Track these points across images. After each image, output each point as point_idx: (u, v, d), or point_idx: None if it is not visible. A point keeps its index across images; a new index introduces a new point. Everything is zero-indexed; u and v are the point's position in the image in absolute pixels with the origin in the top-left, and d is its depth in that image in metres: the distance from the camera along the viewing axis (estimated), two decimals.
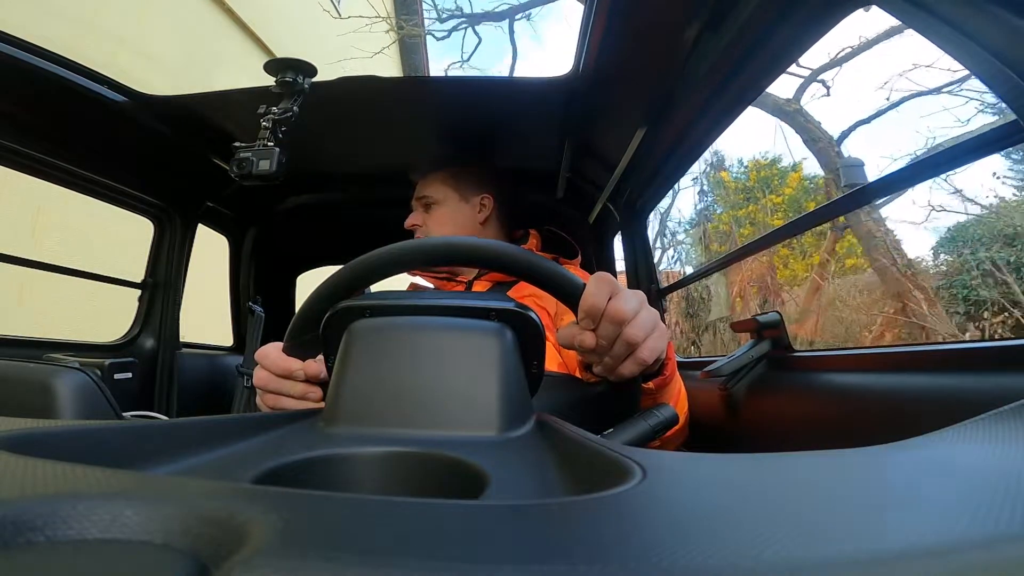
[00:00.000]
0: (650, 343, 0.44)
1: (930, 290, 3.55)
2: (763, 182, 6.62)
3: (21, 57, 0.79)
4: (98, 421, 0.25)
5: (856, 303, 4.16)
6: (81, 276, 1.15)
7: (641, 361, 0.44)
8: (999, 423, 0.20)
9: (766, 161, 6.89)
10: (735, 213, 6.49)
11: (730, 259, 1.18)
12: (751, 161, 7.00)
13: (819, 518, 0.12)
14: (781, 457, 0.18)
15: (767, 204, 6.30)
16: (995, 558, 0.10)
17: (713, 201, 6.75)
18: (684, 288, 4.43)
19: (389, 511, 0.13)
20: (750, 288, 5.12)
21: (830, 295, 4.35)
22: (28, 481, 0.14)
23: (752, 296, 5.11)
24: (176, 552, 0.12)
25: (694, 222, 6.75)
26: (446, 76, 0.95)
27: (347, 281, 0.43)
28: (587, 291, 0.42)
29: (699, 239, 6.38)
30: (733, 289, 5.20)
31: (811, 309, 4.42)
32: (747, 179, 6.85)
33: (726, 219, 6.46)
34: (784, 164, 6.70)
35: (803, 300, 4.67)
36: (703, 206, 6.63)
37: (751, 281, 5.10)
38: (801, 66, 4.04)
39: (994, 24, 0.41)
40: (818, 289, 4.42)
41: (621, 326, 0.42)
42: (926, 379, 0.52)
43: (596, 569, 0.09)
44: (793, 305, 4.77)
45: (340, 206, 1.37)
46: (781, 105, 4.12)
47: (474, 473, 0.23)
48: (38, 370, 0.80)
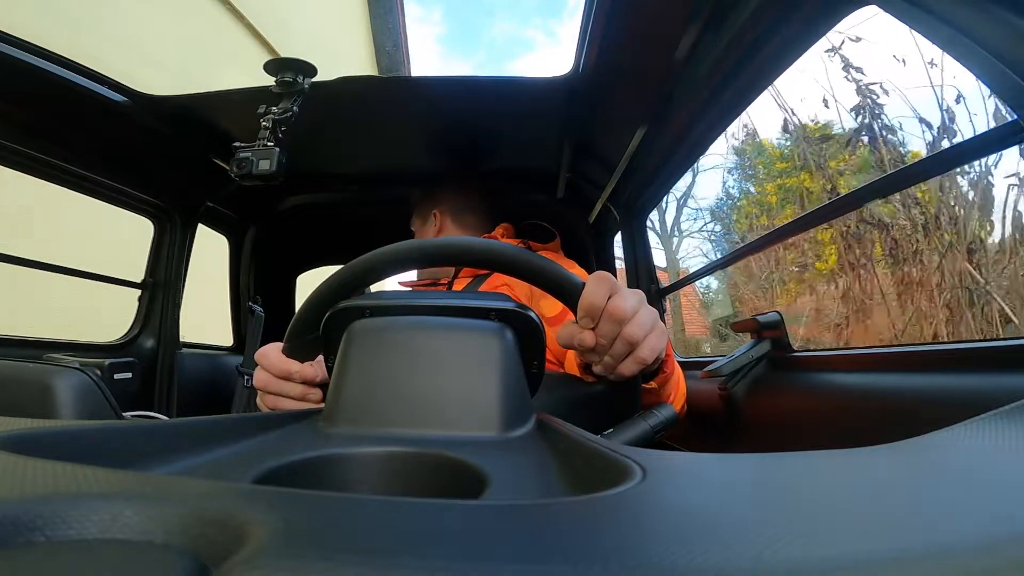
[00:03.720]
0: (650, 342, 0.43)
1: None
2: (816, 149, 6.15)
3: (21, 57, 0.79)
4: (98, 421, 0.25)
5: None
6: (81, 276, 1.15)
7: (641, 360, 0.44)
8: (999, 423, 0.20)
9: (817, 125, 6.32)
10: (784, 182, 5.98)
11: (730, 259, 1.18)
12: (795, 127, 6.52)
13: (819, 518, 0.12)
14: (781, 457, 0.18)
15: (825, 168, 5.83)
16: (995, 558, 0.10)
17: (741, 179, 6.30)
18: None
19: (389, 511, 0.13)
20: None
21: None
22: (28, 481, 0.14)
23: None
24: (176, 552, 0.12)
25: (720, 203, 6.31)
26: (446, 76, 0.96)
27: (346, 282, 0.43)
28: (586, 290, 0.42)
29: (741, 213, 5.90)
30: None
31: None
32: (793, 145, 6.35)
33: (771, 189, 6.00)
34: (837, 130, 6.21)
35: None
36: (734, 182, 6.20)
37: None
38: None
39: (994, 24, 0.41)
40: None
41: (621, 325, 0.42)
42: (926, 379, 0.52)
43: (596, 569, 0.09)
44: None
45: (340, 206, 1.37)
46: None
47: (474, 473, 0.23)
48: (38, 370, 0.80)
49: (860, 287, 3.31)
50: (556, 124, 0.99)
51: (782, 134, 6.15)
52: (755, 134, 6.29)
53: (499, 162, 1.20)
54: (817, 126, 6.14)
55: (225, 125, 1.01)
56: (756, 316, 0.82)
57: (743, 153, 6.31)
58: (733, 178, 6.33)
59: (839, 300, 3.54)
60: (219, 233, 1.42)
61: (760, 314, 0.82)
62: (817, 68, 4.12)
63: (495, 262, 0.44)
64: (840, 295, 3.50)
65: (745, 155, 6.33)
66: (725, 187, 6.43)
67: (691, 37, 0.66)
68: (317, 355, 0.47)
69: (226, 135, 1.01)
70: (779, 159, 6.15)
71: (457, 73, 6.53)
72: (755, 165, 6.28)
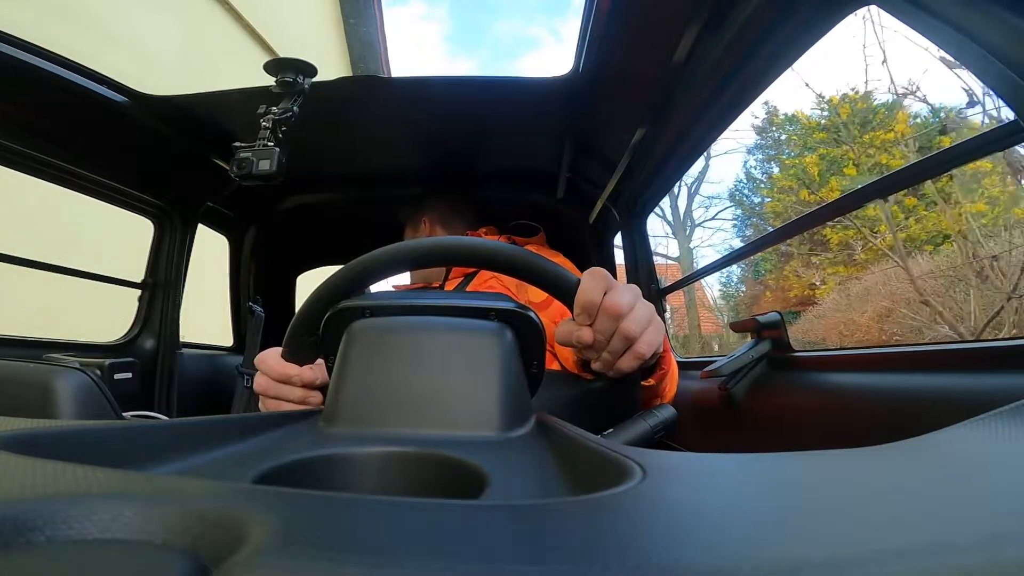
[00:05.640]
0: (647, 336, 0.43)
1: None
2: (860, 117, 5.57)
3: (21, 57, 0.79)
4: (98, 421, 0.25)
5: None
6: (81, 276, 1.15)
7: (639, 355, 0.43)
8: (999, 423, 0.20)
9: (856, 94, 5.74)
10: (829, 152, 5.40)
11: (731, 258, 1.18)
12: (834, 96, 5.82)
13: (819, 518, 0.12)
14: (781, 457, 0.18)
15: (874, 141, 5.20)
16: (995, 558, 0.10)
17: (763, 159, 5.94)
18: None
19: (389, 511, 0.13)
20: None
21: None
22: (28, 481, 0.14)
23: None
24: (176, 552, 0.12)
25: (739, 186, 5.99)
26: (446, 76, 0.96)
27: (343, 284, 0.43)
28: (582, 286, 0.42)
29: (775, 189, 5.55)
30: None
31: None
32: (831, 116, 5.67)
33: (812, 161, 5.49)
34: (879, 100, 5.50)
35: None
36: (756, 162, 5.86)
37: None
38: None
39: (994, 24, 0.41)
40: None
41: (618, 320, 0.42)
42: (926, 379, 0.52)
43: (596, 569, 0.09)
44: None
45: (340, 206, 1.37)
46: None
47: (474, 473, 0.23)
48: (38, 370, 0.80)
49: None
50: (556, 124, 0.99)
51: (817, 103, 5.79)
52: (776, 112, 5.95)
53: (499, 162, 1.20)
54: (858, 95, 5.71)
55: (225, 125, 1.01)
56: (756, 316, 0.82)
57: (766, 131, 5.95)
58: (755, 158, 6.01)
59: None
60: (219, 233, 1.42)
61: (760, 314, 0.82)
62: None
63: (491, 261, 0.44)
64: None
65: (768, 133, 5.97)
66: (746, 167, 6.14)
67: (691, 37, 0.66)
68: (316, 358, 0.47)
69: (226, 135, 1.01)
70: (816, 129, 5.83)
71: (462, 71, 6.37)
72: (790, 139, 5.91)
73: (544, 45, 29.14)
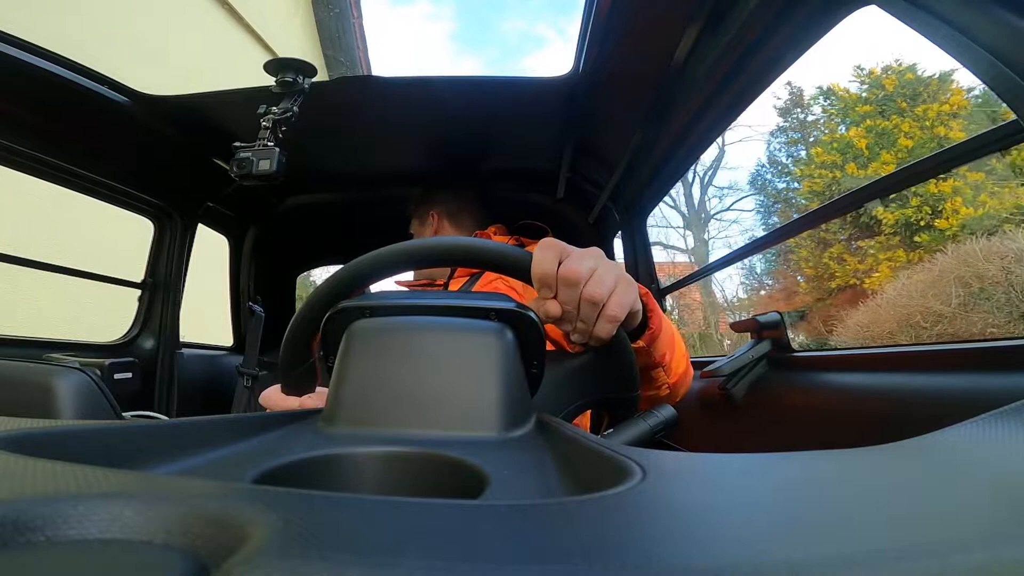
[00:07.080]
0: (616, 298, 0.42)
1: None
2: (908, 89, 5.32)
3: (21, 57, 0.79)
4: (98, 421, 0.25)
5: None
6: (81, 276, 1.15)
7: (612, 317, 0.42)
8: (999, 423, 0.20)
9: (900, 66, 5.55)
10: (878, 124, 5.12)
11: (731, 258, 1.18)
12: (876, 68, 5.61)
13: (819, 518, 0.12)
14: (781, 457, 0.18)
15: (928, 113, 4.95)
16: (995, 558, 0.10)
17: (787, 142, 5.67)
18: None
19: (389, 511, 0.13)
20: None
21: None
22: (28, 481, 0.14)
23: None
24: (176, 552, 0.12)
25: (760, 171, 5.72)
26: (446, 76, 0.96)
27: (314, 310, 0.42)
28: (535, 260, 0.41)
29: (812, 166, 5.02)
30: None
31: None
32: (872, 89, 5.42)
33: (858, 134, 5.24)
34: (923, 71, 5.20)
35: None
36: (779, 145, 5.63)
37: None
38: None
39: (994, 24, 0.41)
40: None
41: (578, 286, 0.41)
42: (926, 379, 0.52)
43: (596, 569, 0.09)
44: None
45: (340, 206, 1.37)
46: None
47: (474, 473, 0.23)
48: (38, 370, 0.80)
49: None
50: (556, 124, 0.99)
51: (856, 76, 5.53)
52: (800, 93, 5.71)
53: (499, 162, 1.20)
54: (902, 66, 5.41)
55: (225, 125, 1.01)
56: (756, 316, 0.82)
57: (789, 112, 5.66)
58: (778, 141, 5.81)
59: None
60: (219, 233, 1.42)
61: (760, 314, 0.82)
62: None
63: (448, 257, 0.44)
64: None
65: (792, 114, 5.70)
66: (769, 151, 5.93)
67: (691, 38, 0.66)
68: (315, 386, 0.48)
69: (226, 135, 1.01)
70: (859, 102, 5.60)
71: (468, 69, 6.33)
72: (827, 113, 5.66)
73: (549, 44, 29.13)
